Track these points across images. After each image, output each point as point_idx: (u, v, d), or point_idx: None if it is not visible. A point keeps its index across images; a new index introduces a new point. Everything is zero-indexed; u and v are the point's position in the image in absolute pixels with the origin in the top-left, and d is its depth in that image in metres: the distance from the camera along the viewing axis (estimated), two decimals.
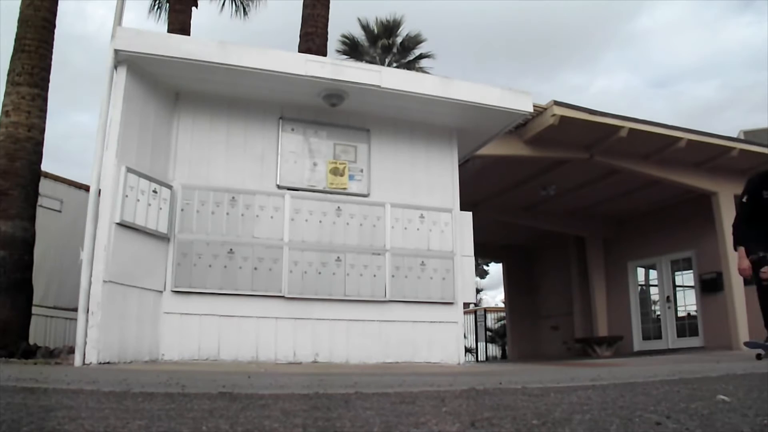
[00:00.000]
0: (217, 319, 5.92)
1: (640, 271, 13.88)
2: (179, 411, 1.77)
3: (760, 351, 5.66)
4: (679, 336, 12.56)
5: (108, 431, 1.43)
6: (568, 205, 13.17)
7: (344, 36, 19.64)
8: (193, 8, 12.28)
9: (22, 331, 6.52)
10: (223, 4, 15.65)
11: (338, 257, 6.39)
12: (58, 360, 5.55)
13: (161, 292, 5.84)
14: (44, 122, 7.15)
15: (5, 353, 5.81)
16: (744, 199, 5.69)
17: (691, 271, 12.45)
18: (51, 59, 7.32)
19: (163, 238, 5.88)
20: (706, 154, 10.51)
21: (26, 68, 7.02)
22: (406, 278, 6.58)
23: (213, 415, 1.69)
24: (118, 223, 5.37)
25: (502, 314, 20.68)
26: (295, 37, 10.64)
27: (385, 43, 19.62)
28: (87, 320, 5.06)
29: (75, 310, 5.36)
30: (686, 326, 12.54)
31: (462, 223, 7.01)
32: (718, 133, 10.66)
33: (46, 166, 7.52)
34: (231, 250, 6.07)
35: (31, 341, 6.81)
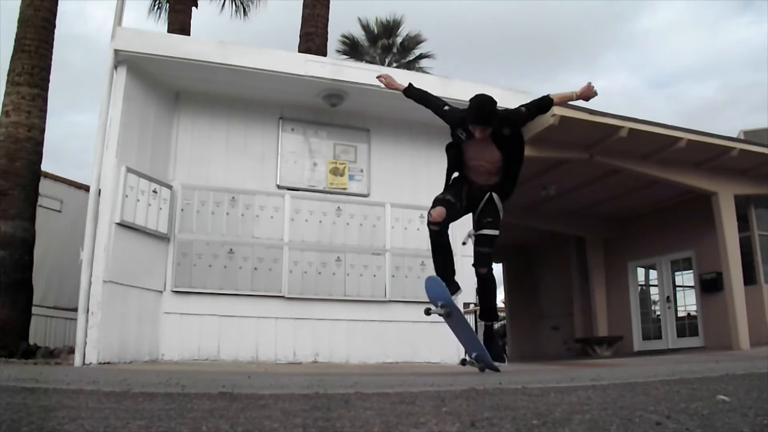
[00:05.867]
0: (217, 319, 5.92)
1: (640, 271, 13.86)
2: (179, 411, 1.77)
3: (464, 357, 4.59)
4: (679, 336, 12.55)
5: (108, 431, 1.43)
6: (568, 205, 13.16)
7: (344, 36, 19.62)
8: (193, 8, 12.28)
9: (22, 331, 6.52)
10: (223, 4, 15.64)
11: (338, 257, 6.39)
12: (58, 360, 5.55)
13: (161, 292, 5.84)
14: (44, 122, 7.14)
15: (5, 353, 5.81)
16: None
17: (691, 271, 12.43)
18: (51, 59, 7.31)
19: (163, 238, 5.88)
20: (706, 154, 10.49)
21: (26, 68, 7.02)
22: (406, 278, 6.58)
23: (213, 415, 1.69)
24: (118, 223, 5.37)
25: (502, 314, 20.69)
26: (295, 37, 10.64)
27: (385, 43, 19.61)
28: (87, 320, 5.06)
29: (75, 310, 5.36)
30: (686, 326, 12.53)
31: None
32: (718, 133, 10.66)
33: (46, 166, 7.53)
34: (231, 250, 6.07)
35: (31, 341, 6.81)
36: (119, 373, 3.84)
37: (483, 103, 3.60)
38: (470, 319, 4.43)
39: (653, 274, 13.65)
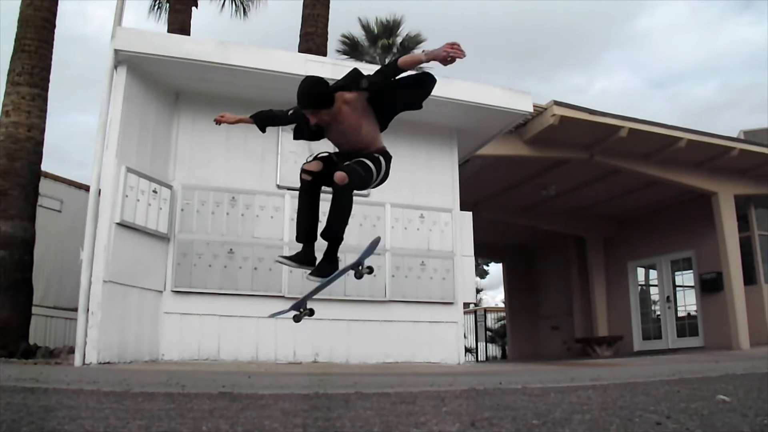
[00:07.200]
0: (217, 319, 5.92)
1: (640, 271, 13.86)
2: (179, 411, 1.77)
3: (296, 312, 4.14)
4: (679, 336, 12.55)
5: (108, 431, 1.43)
6: (568, 205, 13.16)
7: (344, 36, 19.60)
8: (193, 8, 12.27)
9: (22, 331, 6.52)
10: (223, 4, 15.62)
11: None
12: (58, 360, 5.55)
13: (161, 292, 5.84)
14: (44, 122, 7.14)
15: (5, 353, 5.80)
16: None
17: (691, 271, 12.43)
18: (51, 59, 7.31)
19: (163, 238, 5.88)
20: (706, 154, 10.50)
21: (26, 68, 7.01)
22: (406, 278, 6.57)
23: (213, 415, 1.69)
24: (118, 223, 5.36)
25: (502, 314, 20.66)
26: (295, 37, 10.64)
27: (385, 43, 19.59)
28: (87, 320, 5.06)
29: (75, 310, 5.36)
30: (686, 326, 12.53)
31: (462, 223, 7.01)
32: (718, 133, 10.66)
33: (46, 166, 7.52)
34: (231, 250, 6.07)
35: (31, 341, 6.80)
36: (119, 373, 3.84)
37: (307, 86, 3.24)
38: None
39: (653, 274, 13.64)
